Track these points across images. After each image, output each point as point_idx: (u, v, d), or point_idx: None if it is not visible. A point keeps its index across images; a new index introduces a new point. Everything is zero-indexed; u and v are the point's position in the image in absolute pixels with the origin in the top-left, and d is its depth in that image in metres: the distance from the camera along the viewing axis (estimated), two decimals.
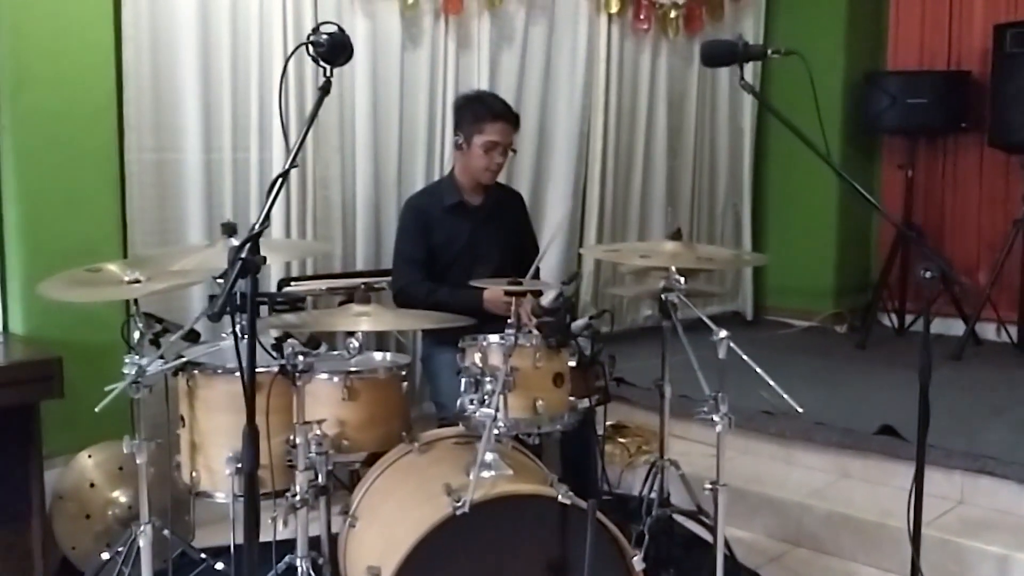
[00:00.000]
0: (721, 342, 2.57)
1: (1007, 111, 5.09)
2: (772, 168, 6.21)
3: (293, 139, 3.72)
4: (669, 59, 5.41)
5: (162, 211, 3.57)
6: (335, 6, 3.97)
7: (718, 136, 5.86)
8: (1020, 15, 5.34)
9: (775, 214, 6.26)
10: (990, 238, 5.69)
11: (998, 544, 3.20)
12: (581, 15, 4.88)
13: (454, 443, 2.72)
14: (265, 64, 3.77)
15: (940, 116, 5.53)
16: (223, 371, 2.85)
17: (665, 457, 3.23)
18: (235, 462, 2.78)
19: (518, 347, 2.46)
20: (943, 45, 5.78)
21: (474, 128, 3.32)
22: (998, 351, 5.40)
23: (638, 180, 5.33)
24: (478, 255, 3.40)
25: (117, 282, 2.81)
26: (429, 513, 2.26)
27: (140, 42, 3.44)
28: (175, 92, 3.57)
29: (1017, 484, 3.44)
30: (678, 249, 2.75)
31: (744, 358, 2.57)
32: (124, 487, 3.39)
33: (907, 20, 5.94)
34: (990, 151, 5.52)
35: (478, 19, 4.43)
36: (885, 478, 3.76)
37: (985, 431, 3.79)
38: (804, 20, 5.91)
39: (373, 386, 2.76)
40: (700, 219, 5.82)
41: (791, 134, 6.21)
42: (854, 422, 3.93)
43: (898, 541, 3.35)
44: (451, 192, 3.41)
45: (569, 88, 4.88)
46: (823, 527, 3.59)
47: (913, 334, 5.84)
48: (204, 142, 3.64)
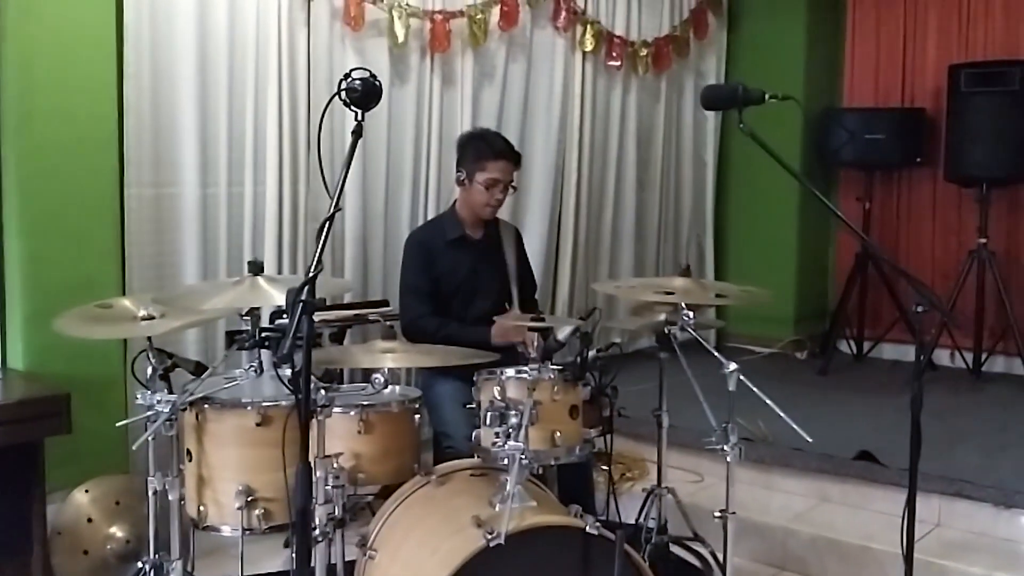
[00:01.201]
0: (731, 374, 2.68)
1: (962, 147, 5.35)
2: (733, 200, 6.41)
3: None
4: (638, 95, 5.58)
5: (159, 245, 3.59)
6: (327, 45, 4.04)
7: (683, 170, 6.04)
8: (972, 56, 5.62)
9: (736, 244, 6.46)
10: (944, 268, 5.93)
11: (979, 565, 3.35)
12: (558, 53, 5.02)
13: (470, 475, 2.78)
14: (260, 100, 3.82)
15: (896, 151, 5.78)
16: (234, 405, 2.87)
17: (663, 485, 3.32)
18: (244, 496, 2.81)
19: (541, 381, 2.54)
20: (897, 83, 6.05)
21: (476, 166, 3.41)
22: (954, 376, 5.62)
23: (609, 213, 5.47)
24: (478, 287, 3.48)
25: (130, 318, 2.83)
26: (460, 545, 2.32)
27: (141, 79, 3.47)
28: (173, 128, 3.60)
29: (992, 506, 3.60)
30: (688, 285, 2.87)
31: (755, 390, 2.68)
32: (122, 522, 3.37)
33: (863, 59, 6.20)
34: (943, 185, 5.78)
35: (461, 57, 4.53)
36: (864, 502, 3.90)
37: (957, 455, 3.96)
38: (764, 59, 6.14)
39: (387, 419, 2.81)
40: (665, 250, 5.97)
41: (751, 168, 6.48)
42: (829, 447, 4.07)
43: (882, 564, 3.49)
44: (453, 226, 3.49)
45: (546, 123, 5.00)
46: (808, 551, 3.71)
47: (871, 360, 6.06)
48: (200, 177, 3.68)
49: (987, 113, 5.27)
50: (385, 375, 2.56)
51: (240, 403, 2.88)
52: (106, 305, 2.93)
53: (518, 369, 2.67)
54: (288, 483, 2.84)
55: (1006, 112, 5.24)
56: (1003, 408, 4.91)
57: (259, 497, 2.84)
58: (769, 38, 6.16)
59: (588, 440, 2.73)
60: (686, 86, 5.95)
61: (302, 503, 2.01)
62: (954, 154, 5.44)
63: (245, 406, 2.87)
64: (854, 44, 6.24)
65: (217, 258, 3.76)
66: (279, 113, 3.84)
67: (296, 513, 2.02)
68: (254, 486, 2.84)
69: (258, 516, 2.85)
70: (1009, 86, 5.23)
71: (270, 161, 3.84)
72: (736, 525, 3.85)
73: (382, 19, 4.17)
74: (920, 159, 5.79)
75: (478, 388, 2.74)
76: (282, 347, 1.87)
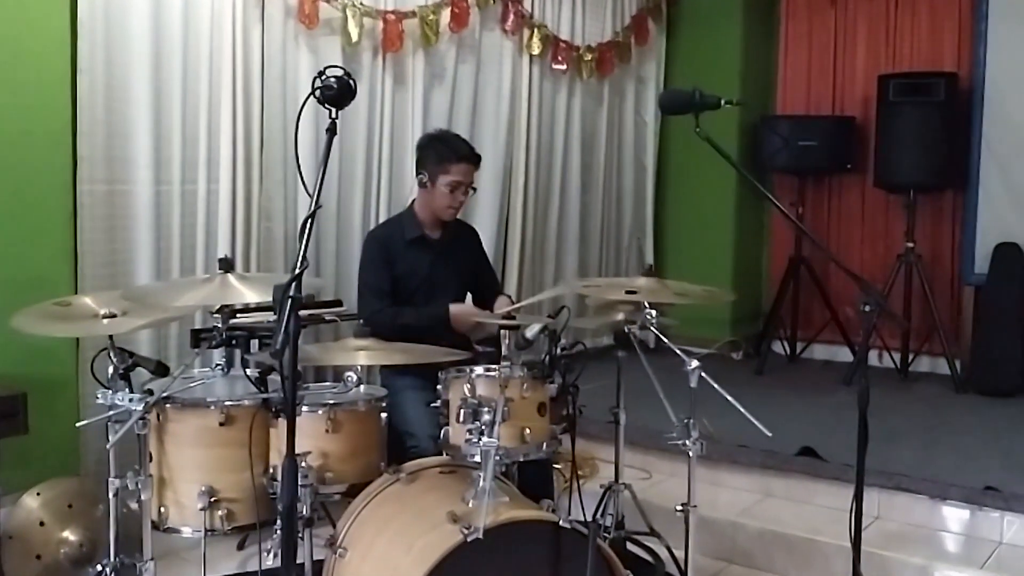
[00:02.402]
0: (693, 372, 2.76)
1: (891, 155, 5.55)
2: (671, 204, 6.55)
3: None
4: (582, 99, 5.66)
5: (112, 243, 3.53)
6: (281, 42, 4.02)
7: (624, 173, 6.15)
8: (898, 67, 5.86)
9: (674, 248, 6.60)
10: (871, 270, 6.13)
11: (918, 556, 3.49)
12: (505, 56, 5.07)
13: (439, 472, 2.80)
14: (214, 96, 3.79)
15: (827, 158, 5.97)
16: (196, 405, 2.85)
17: (620, 481, 3.39)
18: (207, 496, 2.81)
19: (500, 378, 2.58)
20: (828, 92, 6.25)
21: (439, 168, 3.42)
22: (882, 376, 5.82)
23: (555, 215, 5.55)
24: (437, 286, 3.51)
25: (91, 316, 2.78)
26: (436, 541, 2.34)
27: (95, 73, 3.41)
28: (127, 124, 3.55)
29: (929, 499, 3.76)
30: (652, 285, 2.94)
31: (716, 388, 2.77)
32: (75, 526, 3.29)
33: (795, 68, 6.40)
34: (872, 190, 6.00)
35: (412, 57, 4.55)
36: (807, 496, 4.03)
37: (893, 451, 4.12)
38: (702, 66, 6.27)
39: (355, 418, 2.82)
40: (608, 252, 6.07)
41: (689, 173, 6.62)
42: (772, 444, 4.19)
43: (827, 555, 3.62)
44: (412, 226, 3.51)
45: (495, 125, 5.05)
46: (756, 544, 3.81)
47: (804, 360, 6.26)
48: (154, 174, 3.63)
49: (914, 122, 5.48)
50: (358, 373, 2.57)
51: (202, 402, 2.86)
52: (64, 303, 2.88)
53: (487, 367, 2.71)
54: (256, 483, 2.85)
55: (932, 121, 5.46)
56: (930, 406, 5.12)
57: (222, 498, 2.84)
58: (707, 46, 6.31)
59: (555, 437, 2.79)
60: (627, 91, 6.06)
61: (288, 499, 2.01)
62: (883, 161, 5.65)
63: (208, 405, 2.85)
64: (787, 53, 6.43)
65: (171, 256, 3.71)
66: (233, 110, 3.82)
67: (283, 508, 2.02)
68: (217, 487, 2.84)
69: (221, 517, 2.85)
70: (935, 96, 5.46)
71: (223, 159, 3.81)
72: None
73: (336, 18, 4.17)
74: (850, 166, 6.00)
75: (445, 386, 2.76)
76: (274, 343, 1.87)
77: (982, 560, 3.46)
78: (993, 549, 3.56)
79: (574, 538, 2.44)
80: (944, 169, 5.53)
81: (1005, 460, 4.04)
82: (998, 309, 5.44)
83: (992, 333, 5.42)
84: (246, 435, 2.85)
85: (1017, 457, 4.09)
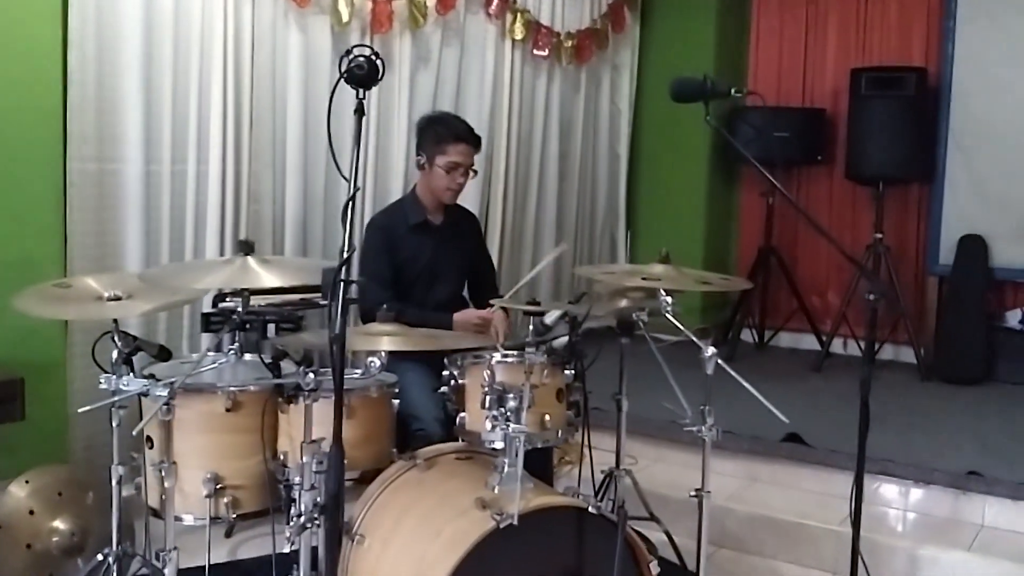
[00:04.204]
0: (709, 359, 2.78)
1: (863, 147, 5.65)
2: (643, 193, 6.58)
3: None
4: (561, 86, 5.65)
5: (101, 224, 3.43)
6: (271, 21, 3.93)
7: (599, 161, 6.16)
8: (868, 61, 5.95)
9: (645, 236, 6.63)
10: (838, 261, 6.26)
11: (907, 539, 3.58)
12: (489, 40, 5.04)
13: (455, 458, 2.78)
14: (204, 75, 3.70)
15: (799, 149, 6.05)
16: (201, 390, 2.78)
17: (621, 467, 3.40)
18: (212, 483, 2.74)
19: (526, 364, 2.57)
20: (798, 84, 6.33)
21: (437, 149, 3.39)
22: (848, 363, 5.95)
23: (533, 202, 5.53)
24: (439, 273, 3.47)
25: (94, 298, 2.70)
26: (467, 527, 2.33)
27: (85, 48, 3.30)
28: (117, 101, 3.44)
29: (914, 483, 3.85)
30: (669, 272, 2.95)
31: (734, 375, 2.79)
32: (65, 514, 3.19)
33: (766, 60, 6.47)
34: (840, 182, 6.11)
35: (400, 39, 4.49)
36: (793, 481, 4.10)
37: (873, 437, 4.18)
38: (675, 55, 6.31)
39: (368, 404, 2.78)
40: (582, 241, 6.08)
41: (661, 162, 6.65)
42: (757, 430, 4.25)
43: (815, 539, 3.69)
44: (415, 211, 3.46)
45: (477, 109, 5.01)
46: (745, 528, 3.87)
47: (772, 348, 6.36)
48: (144, 153, 3.53)
49: (885, 115, 5.58)
50: (382, 359, 2.53)
51: (209, 387, 2.79)
52: (64, 284, 2.79)
53: (504, 353, 2.69)
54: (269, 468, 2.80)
55: (901, 115, 5.57)
56: (899, 393, 5.23)
57: (227, 485, 2.78)
58: (680, 36, 6.34)
59: (571, 423, 2.78)
60: (603, 78, 6.07)
61: (335, 488, 1.97)
62: (854, 153, 5.74)
63: (215, 391, 2.78)
64: (758, 45, 6.50)
65: (160, 238, 3.61)
66: (223, 89, 3.73)
67: (328, 497, 1.99)
68: (222, 474, 2.77)
69: (226, 504, 2.78)
70: (905, 90, 5.57)
71: (214, 139, 3.72)
72: (678, 506, 4.01)
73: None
74: (820, 157, 6.09)
75: (461, 371, 2.74)
76: (332, 327, 1.84)
77: (968, 543, 3.56)
78: (976, 532, 3.66)
79: (600, 524, 2.45)
80: (912, 162, 5.64)
81: (982, 446, 4.16)
82: (962, 299, 5.58)
83: (956, 322, 5.56)
84: (252, 421, 2.79)
85: (993, 442, 4.21)
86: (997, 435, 4.34)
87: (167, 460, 2.52)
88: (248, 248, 2.53)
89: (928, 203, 5.87)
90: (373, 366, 2.52)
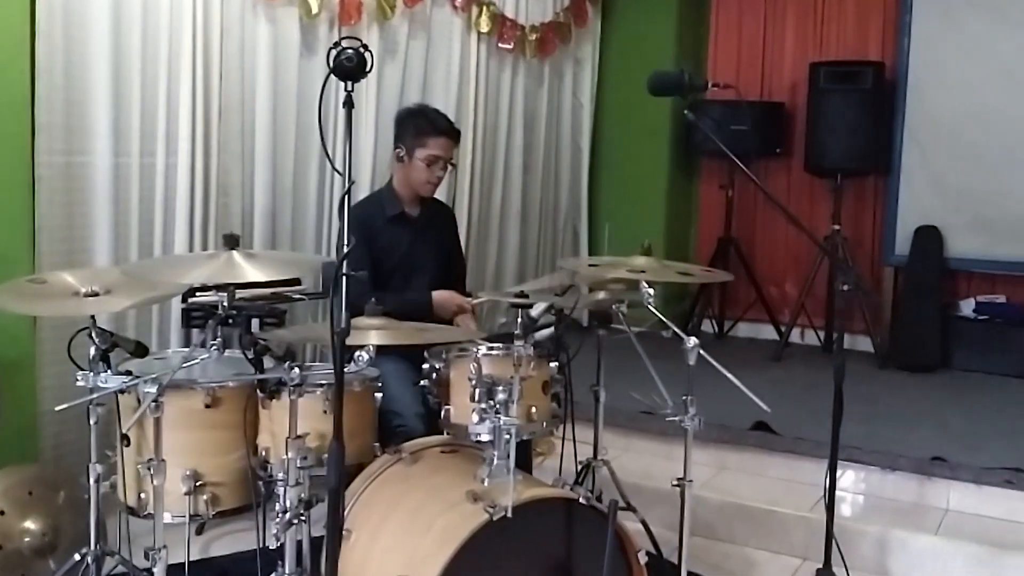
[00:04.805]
0: (691, 350, 2.81)
1: (822, 140, 5.75)
2: (604, 186, 6.61)
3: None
4: (525, 80, 5.65)
5: (70, 218, 3.36)
6: (240, 12, 3.88)
7: (562, 154, 6.18)
8: (826, 55, 6.06)
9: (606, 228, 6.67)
10: (796, 252, 6.37)
11: (875, 524, 3.65)
12: (455, 33, 5.02)
13: (440, 452, 2.79)
14: (173, 67, 3.64)
15: (758, 142, 6.13)
16: (179, 386, 2.74)
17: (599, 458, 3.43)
18: (192, 480, 2.71)
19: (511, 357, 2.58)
20: (757, 78, 6.41)
21: (416, 142, 3.38)
22: (807, 352, 6.06)
23: (499, 195, 5.53)
24: (415, 265, 3.46)
25: (71, 294, 2.65)
26: (459, 521, 2.33)
27: (54, 39, 3.22)
28: (86, 92, 3.37)
29: (879, 470, 3.93)
30: (652, 264, 2.97)
31: (716, 366, 2.83)
32: (36, 514, 3.13)
33: (725, 54, 6.54)
34: (798, 174, 6.20)
35: (368, 31, 4.45)
36: (761, 469, 4.17)
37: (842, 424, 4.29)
38: (636, 49, 6.35)
39: (351, 399, 2.74)
40: (545, 234, 6.09)
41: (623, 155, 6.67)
42: (725, 418, 4.30)
43: (786, 525, 3.76)
44: (392, 203, 3.45)
45: (444, 102, 4.98)
46: (716, 516, 3.92)
47: (731, 338, 6.44)
48: (113, 145, 3.46)
49: (843, 109, 5.69)
50: (370, 352, 2.52)
51: (188, 384, 2.76)
52: (39, 280, 2.74)
53: (489, 346, 2.70)
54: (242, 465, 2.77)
55: (860, 108, 5.67)
56: (858, 381, 5.28)
57: (207, 482, 2.75)
58: (641, 30, 6.37)
59: (555, 416, 2.80)
60: (565, 72, 6.09)
61: (335, 483, 1.96)
62: (813, 146, 5.84)
63: (193, 387, 2.75)
64: (717, 40, 6.57)
65: (129, 232, 3.55)
66: (192, 79, 3.66)
67: (329, 493, 1.98)
68: (201, 470, 2.74)
69: (206, 501, 2.76)
70: (863, 84, 5.68)
71: (183, 131, 3.66)
72: (650, 496, 4.05)
73: None
74: (779, 150, 6.18)
75: (446, 364, 2.74)
76: (337, 322, 1.83)
77: (934, 527, 3.65)
78: (942, 516, 3.76)
79: (590, 515, 2.47)
80: (869, 155, 5.75)
81: (944, 432, 4.26)
82: (918, 289, 5.71)
83: (912, 312, 5.68)
84: (232, 417, 2.78)
85: (954, 429, 4.32)
86: (957, 421, 4.46)
87: (156, 458, 2.46)
88: (233, 242, 2.50)
89: (884, 195, 5.98)
90: (361, 360, 2.51)
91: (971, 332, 5.57)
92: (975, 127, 5.53)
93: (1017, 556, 3.38)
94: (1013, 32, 5.42)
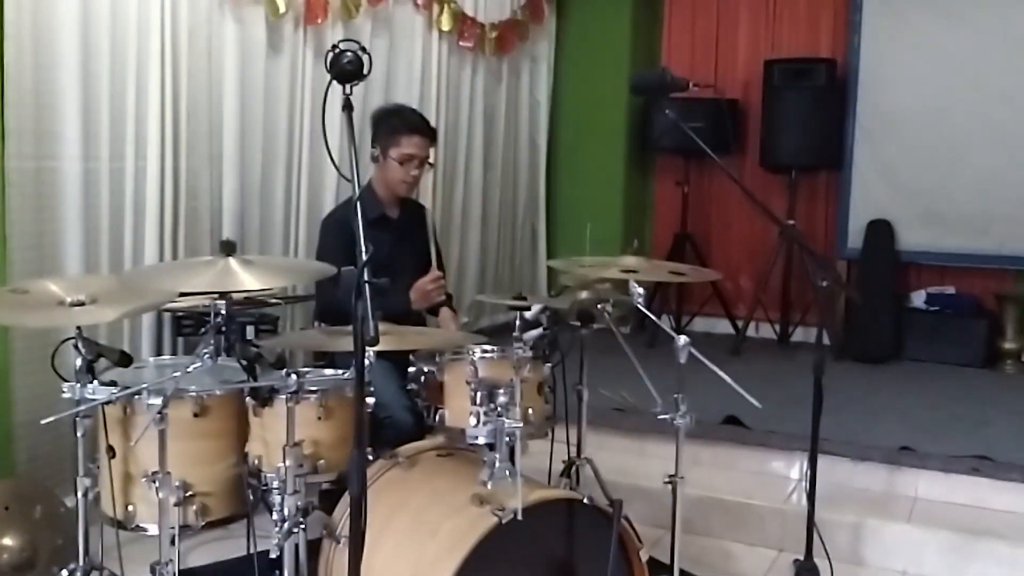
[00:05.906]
0: (682, 348, 2.84)
1: (776, 136, 5.85)
2: (561, 183, 6.64)
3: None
4: (484, 77, 5.65)
5: (39, 224, 3.26)
6: (207, 11, 3.81)
7: (520, 152, 6.19)
8: (778, 52, 6.16)
9: (563, 225, 6.69)
10: (751, 247, 6.47)
11: (849, 514, 3.73)
12: (416, 31, 5.00)
13: (436, 455, 2.77)
14: (142, 68, 3.55)
15: (713, 139, 6.19)
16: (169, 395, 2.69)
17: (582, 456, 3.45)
18: (181, 491, 2.66)
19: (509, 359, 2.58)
20: (711, 74, 6.49)
21: (391, 140, 3.35)
22: (763, 346, 6.16)
23: (460, 194, 5.52)
24: (396, 268, 3.42)
25: (55, 304, 2.58)
26: (467, 525, 2.32)
27: (22, 41, 3.12)
28: (55, 95, 3.27)
29: (850, 461, 4.02)
30: (642, 264, 3.00)
31: (707, 363, 2.87)
32: (14, 530, 3.04)
33: (679, 51, 6.62)
34: (752, 170, 6.29)
35: (332, 30, 4.41)
36: (733, 462, 4.23)
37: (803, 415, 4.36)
38: (590, 47, 6.40)
39: (346, 404, 2.74)
40: (504, 232, 6.10)
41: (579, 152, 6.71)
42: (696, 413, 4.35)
43: (761, 517, 3.83)
44: (372, 205, 3.41)
45: (406, 100, 4.93)
46: (692, 510, 3.96)
47: (688, 332, 6.43)
48: (82, 150, 3.37)
49: (797, 105, 5.80)
50: (371, 359, 2.49)
51: (176, 393, 2.69)
52: (21, 290, 2.65)
53: (484, 349, 2.70)
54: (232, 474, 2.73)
55: (813, 104, 5.79)
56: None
57: (196, 492, 2.70)
58: (596, 28, 6.41)
59: (549, 417, 2.81)
60: (523, 70, 6.10)
61: (358, 492, 1.94)
62: (768, 142, 5.94)
63: (181, 396, 2.69)
64: (671, 36, 6.64)
65: (99, 238, 3.46)
66: (161, 80, 3.59)
67: (352, 503, 1.95)
68: (190, 480, 2.68)
69: (195, 512, 2.70)
70: (816, 81, 5.79)
71: (152, 134, 3.58)
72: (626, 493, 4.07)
73: None
74: (734, 146, 6.27)
75: (440, 367, 2.73)
76: (366, 331, 1.81)
77: (906, 515, 3.75)
78: (912, 504, 3.85)
79: (593, 515, 2.48)
80: (822, 150, 5.88)
81: (908, 421, 4.37)
82: (871, 281, 5.85)
83: (866, 303, 5.81)
84: (221, 425, 2.74)
85: (918, 418, 4.44)
86: (919, 411, 4.58)
87: (161, 470, 2.42)
88: (230, 249, 2.46)
89: (837, 189, 6.12)
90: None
91: (923, 323, 5.72)
92: (925, 122, 5.69)
93: (987, 542, 3.49)
94: (960, 29, 5.58)
